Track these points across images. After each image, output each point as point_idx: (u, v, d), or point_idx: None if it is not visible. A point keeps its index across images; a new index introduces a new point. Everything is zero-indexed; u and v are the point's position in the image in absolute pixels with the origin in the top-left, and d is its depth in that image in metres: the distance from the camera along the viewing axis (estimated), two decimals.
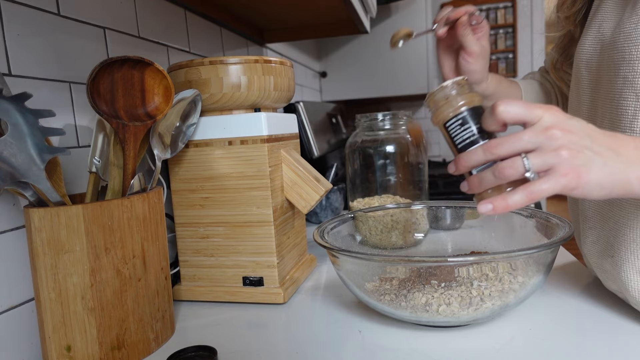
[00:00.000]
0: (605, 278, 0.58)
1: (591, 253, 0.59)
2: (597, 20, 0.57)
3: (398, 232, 0.79)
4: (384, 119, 0.95)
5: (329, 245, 0.56)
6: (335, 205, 1.14)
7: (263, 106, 0.68)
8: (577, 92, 0.61)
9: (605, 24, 0.56)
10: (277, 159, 0.68)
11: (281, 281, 0.67)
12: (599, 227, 0.56)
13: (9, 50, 0.52)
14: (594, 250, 0.58)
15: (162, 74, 0.56)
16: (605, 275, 0.57)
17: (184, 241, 0.69)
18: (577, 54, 0.60)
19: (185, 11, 0.91)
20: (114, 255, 0.49)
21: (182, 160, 0.67)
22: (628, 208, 0.52)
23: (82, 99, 0.62)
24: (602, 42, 0.55)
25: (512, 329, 0.53)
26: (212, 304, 0.68)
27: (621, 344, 0.49)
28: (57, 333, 0.48)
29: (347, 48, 2.02)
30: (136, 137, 0.55)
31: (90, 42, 0.64)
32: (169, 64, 0.84)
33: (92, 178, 0.57)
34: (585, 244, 0.60)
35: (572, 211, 0.66)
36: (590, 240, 0.58)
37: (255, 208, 0.65)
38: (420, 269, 0.55)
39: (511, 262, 0.53)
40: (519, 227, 0.67)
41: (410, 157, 0.96)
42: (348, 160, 0.99)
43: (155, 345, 0.54)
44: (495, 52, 2.88)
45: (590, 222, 0.58)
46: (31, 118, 0.46)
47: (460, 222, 0.75)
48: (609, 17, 0.55)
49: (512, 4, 2.79)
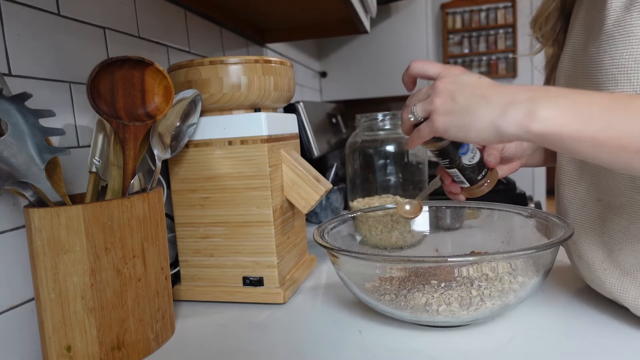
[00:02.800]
0: (596, 288, 0.58)
1: (580, 266, 0.59)
2: (572, 39, 0.58)
3: (398, 232, 0.79)
4: (384, 119, 0.95)
5: (329, 245, 0.56)
6: (335, 205, 1.15)
7: (263, 106, 0.68)
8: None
9: (577, 44, 0.57)
10: (277, 159, 0.68)
11: (281, 281, 0.67)
12: (585, 242, 0.56)
13: (9, 50, 0.52)
14: (580, 264, 0.58)
15: (162, 74, 0.56)
16: (595, 287, 0.57)
17: (184, 241, 0.69)
18: (558, 71, 0.61)
19: (185, 11, 0.91)
20: (114, 255, 0.49)
21: (182, 160, 0.67)
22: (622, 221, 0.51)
23: (82, 99, 0.62)
24: (576, 62, 0.56)
25: (512, 329, 0.53)
26: (212, 304, 0.68)
27: (621, 344, 0.49)
28: (57, 333, 0.48)
29: (347, 48, 2.03)
30: (136, 137, 0.55)
31: (90, 42, 0.64)
32: (169, 64, 0.84)
33: (92, 178, 0.57)
34: (572, 255, 0.60)
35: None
36: (576, 255, 0.58)
37: (255, 208, 0.65)
38: (420, 269, 0.55)
39: (511, 262, 0.53)
40: (519, 227, 0.67)
41: (410, 157, 0.96)
42: (348, 160, 0.99)
43: (155, 345, 0.54)
44: (495, 52, 2.88)
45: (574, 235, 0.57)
46: (31, 118, 0.46)
47: (460, 222, 0.75)
48: (579, 37, 0.57)
49: (512, 4, 2.79)
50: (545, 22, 0.65)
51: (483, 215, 0.72)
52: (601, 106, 0.39)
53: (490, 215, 0.71)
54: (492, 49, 2.85)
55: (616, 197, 0.51)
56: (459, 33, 2.88)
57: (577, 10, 0.59)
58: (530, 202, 1.32)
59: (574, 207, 0.58)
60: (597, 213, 0.55)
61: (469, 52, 2.87)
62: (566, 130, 0.39)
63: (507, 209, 0.69)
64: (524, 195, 1.28)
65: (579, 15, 0.58)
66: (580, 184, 0.57)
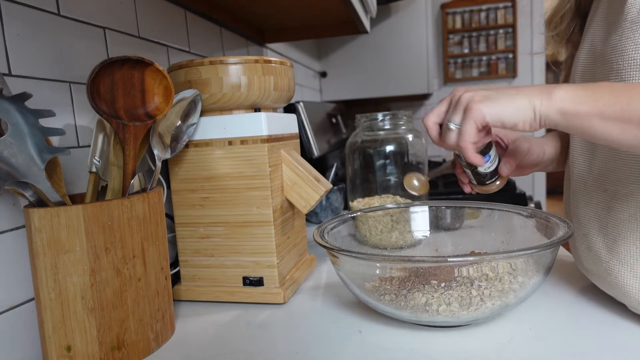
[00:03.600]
0: (601, 284, 0.58)
1: (586, 259, 0.59)
2: (589, 35, 0.59)
3: (398, 232, 0.79)
4: (384, 119, 0.95)
5: (329, 245, 0.56)
6: (335, 205, 1.14)
7: (263, 106, 0.68)
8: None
9: (596, 37, 0.57)
10: (277, 159, 0.68)
11: (281, 281, 0.67)
12: (594, 234, 0.56)
13: (9, 50, 0.52)
14: (589, 257, 0.58)
15: (162, 74, 0.56)
16: (601, 281, 0.57)
17: (184, 241, 0.69)
18: (574, 67, 0.62)
19: (185, 11, 0.91)
20: (114, 255, 0.49)
21: (182, 160, 0.67)
22: (627, 213, 0.52)
23: (82, 99, 0.62)
24: (594, 55, 0.57)
25: (512, 329, 0.53)
26: (212, 304, 0.68)
27: (620, 344, 0.49)
28: (57, 333, 0.48)
29: (347, 48, 2.02)
30: (136, 137, 0.55)
31: (90, 42, 0.64)
32: (169, 64, 0.84)
33: (92, 178, 0.57)
34: (579, 249, 0.60)
35: (565, 217, 0.66)
36: (585, 247, 0.58)
37: (255, 208, 0.65)
38: (420, 269, 0.55)
39: (511, 262, 0.53)
40: (519, 227, 0.67)
41: (410, 157, 0.96)
42: (348, 160, 0.99)
43: (155, 345, 0.54)
44: (495, 52, 2.87)
45: (584, 228, 0.58)
46: (31, 118, 0.46)
47: (460, 222, 0.75)
48: (599, 31, 0.57)
49: (512, 4, 2.79)
50: (561, 21, 0.65)
51: (483, 215, 0.72)
52: (610, 88, 0.45)
53: (490, 215, 0.71)
54: (492, 49, 2.85)
55: (624, 186, 0.52)
56: (459, 33, 2.87)
57: (596, 9, 0.59)
58: (530, 202, 1.32)
59: (584, 199, 0.59)
60: (603, 204, 0.56)
61: (469, 52, 2.87)
62: (582, 107, 0.44)
63: (507, 209, 0.69)
64: (524, 195, 1.28)
65: (597, 12, 0.58)
66: (590, 176, 0.58)
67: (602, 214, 0.56)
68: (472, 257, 0.52)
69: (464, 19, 2.89)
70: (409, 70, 2.02)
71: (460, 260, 0.53)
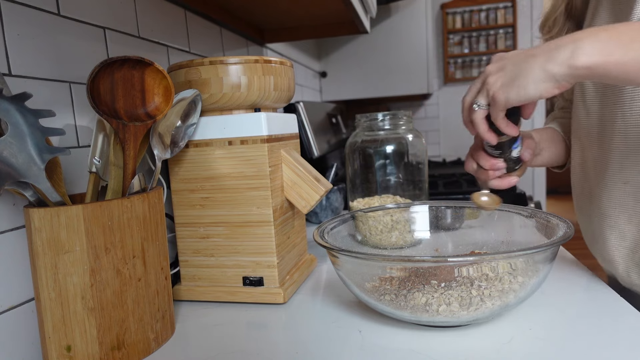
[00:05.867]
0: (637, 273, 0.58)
1: (618, 250, 0.59)
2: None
3: (398, 232, 0.79)
4: (384, 119, 0.95)
5: (329, 245, 0.56)
6: (335, 205, 1.14)
7: (263, 106, 0.68)
8: (582, 101, 0.64)
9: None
10: (277, 159, 0.68)
11: (281, 281, 0.67)
12: (624, 223, 0.57)
13: (9, 50, 0.52)
14: (621, 247, 0.59)
15: (162, 74, 0.56)
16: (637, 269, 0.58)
17: (184, 241, 0.69)
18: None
19: (185, 11, 0.91)
20: (114, 255, 0.49)
21: (182, 160, 0.67)
22: None
23: (82, 99, 0.62)
24: None
25: (512, 329, 0.53)
26: (212, 304, 0.68)
27: (620, 344, 0.49)
28: (57, 333, 0.48)
29: (347, 48, 2.03)
30: (136, 137, 0.55)
31: (90, 42, 0.64)
32: (169, 64, 0.84)
33: (92, 178, 0.57)
34: (608, 241, 0.61)
35: (582, 211, 0.67)
36: (615, 237, 0.59)
37: (255, 208, 0.65)
38: (420, 269, 0.55)
39: (511, 262, 0.53)
40: (519, 227, 0.67)
41: (410, 157, 0.96)
42: (348, 160, 0.99)
43: (155, 345, 0.54)
44: (495, 52, 2.88)
45: (611, 219, 0.59)
46: (31, 118, 0.46)
47: (460, 222, 0.75)
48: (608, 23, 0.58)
49: (512, 4, 2.79)
50: (553, 25, 0.67)
51: (483, 215, 0.72)
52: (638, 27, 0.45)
53: (490, 215, 0.71)
54: (492, 49, 2.85)
55: None
56: (459, 33, 2.87)
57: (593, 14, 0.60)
58: (530, 202, 1.32)
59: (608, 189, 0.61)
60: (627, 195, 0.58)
61: (469, 52, 2.87)
62: (611, 59, 0.43)
63: (507, 209, 0.69)
64: (524, 195, 1.28)
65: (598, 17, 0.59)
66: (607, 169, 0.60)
67: (630, 204, 0.58)
68: (472, 257, 0.52)
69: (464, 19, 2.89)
70: (409, 70, 2.02)
71: (460, 260, 0.53)
